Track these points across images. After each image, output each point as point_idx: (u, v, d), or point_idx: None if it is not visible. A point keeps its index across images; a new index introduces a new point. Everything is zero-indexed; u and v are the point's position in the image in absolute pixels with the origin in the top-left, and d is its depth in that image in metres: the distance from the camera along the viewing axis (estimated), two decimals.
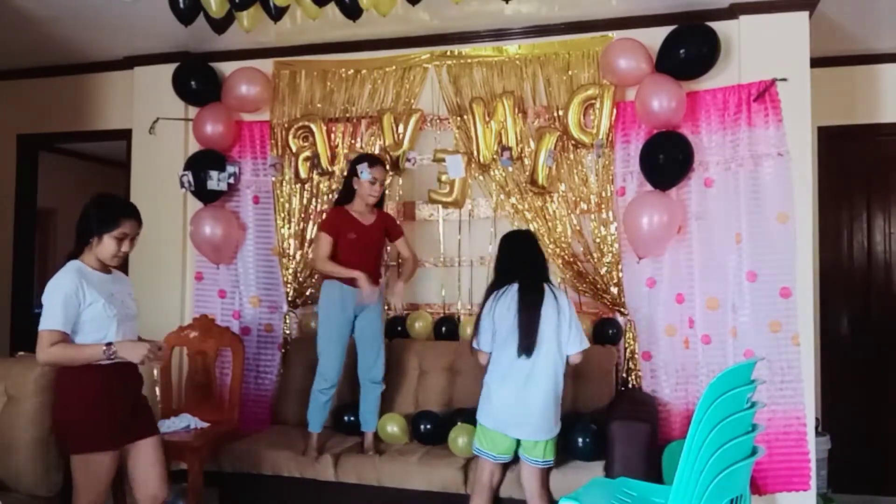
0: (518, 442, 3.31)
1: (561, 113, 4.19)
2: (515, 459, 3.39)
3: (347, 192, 3.92)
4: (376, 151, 4.41)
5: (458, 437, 3.68)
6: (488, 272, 4.38)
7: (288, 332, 4.61)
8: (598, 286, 4.15)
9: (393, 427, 3.92)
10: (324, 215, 4.29)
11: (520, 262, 3.43)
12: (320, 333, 3.86)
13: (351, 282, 3.74)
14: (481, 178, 4.37)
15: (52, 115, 5.29)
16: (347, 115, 4.56)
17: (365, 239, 3.84)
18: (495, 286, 3.43)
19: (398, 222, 4.16)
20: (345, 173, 4.15)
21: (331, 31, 4.38)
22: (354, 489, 3.66)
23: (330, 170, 4.52)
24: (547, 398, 3.25)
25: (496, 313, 3.32)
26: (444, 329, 4.35)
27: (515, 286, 3.34)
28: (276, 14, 3.58)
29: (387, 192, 4.38)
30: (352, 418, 4.00)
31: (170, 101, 4.72)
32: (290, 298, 4.60)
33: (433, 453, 3.73)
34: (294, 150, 4.56)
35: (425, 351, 4.21)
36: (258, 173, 4.72)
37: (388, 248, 4.21)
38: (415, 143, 4.44)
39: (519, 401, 3.24)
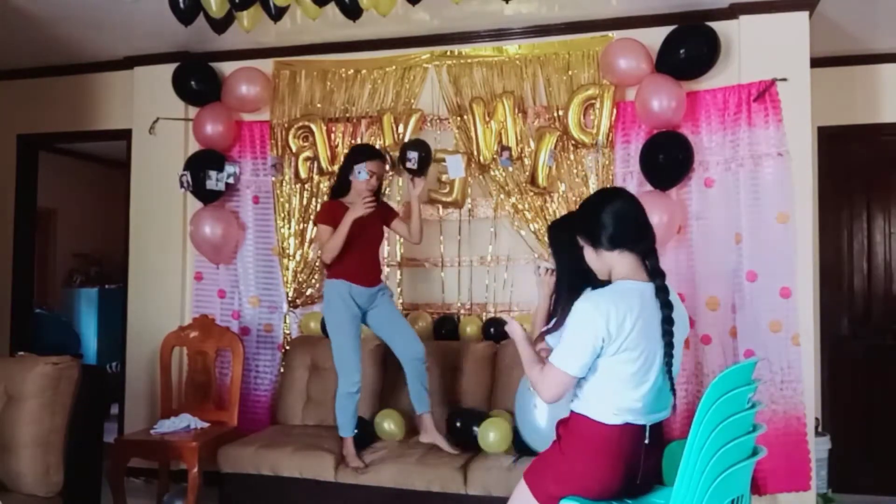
0: None
1: (561, 113, 4.19)
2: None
3: (342, 185, 3.78)
4: None
5: (490, 432, 3.65)
6: (488, 272, 4.40)
7: (287, 331, 4.61)
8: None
9: (390, 424, 3.93)
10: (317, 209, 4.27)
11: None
12: (332, 335, 3.73)
13: (354, 277, 3.67)
14: (481, 178, 4.37)
15: (52, 115, 5.28)
16: (347, 115, 4.56)
17: (363, 232, 3.69)
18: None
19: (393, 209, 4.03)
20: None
21: (331, 31, 4.38)
22: (354, 489, 3.65)
23: (330, 170, 4.52)
24: None
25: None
26: (444, 329, 4.35)
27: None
28: (276, 14, 3.58)
29: (386, 191, 4.38)
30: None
31: (170, 101, 4.72)
32: (289, 298, 4.60)
33: (432, 453, 3.73)
34: (294, 150, 4.55)
35: (426, 351, 4.19)
36: (258, 173, 4.72)
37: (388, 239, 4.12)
38: None
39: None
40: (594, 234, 2.25)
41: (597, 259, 2.28)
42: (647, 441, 2.19)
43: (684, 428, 3.84)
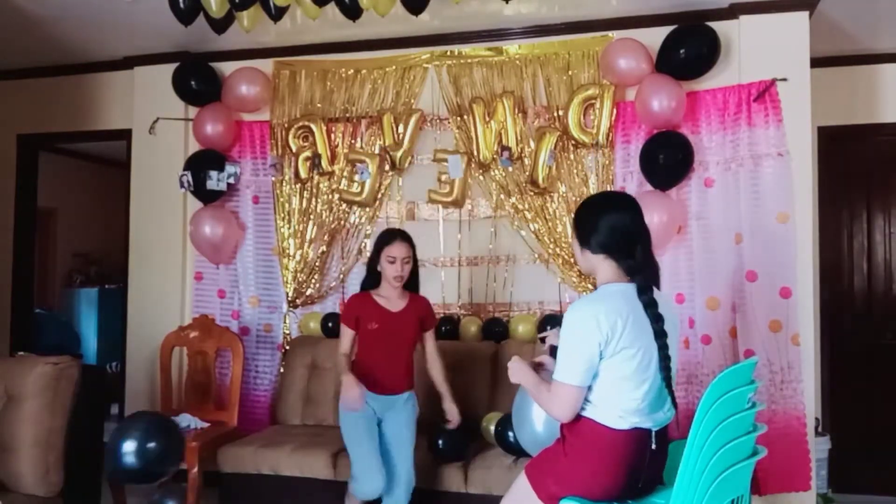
0: None
1: (561, 113, 4.19)
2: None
3: (371, 276, 3.47)
4: (376, 151, 4.41)
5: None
6: (488, 272, 4.40)
7: (287, 331, 4.61)
8: None
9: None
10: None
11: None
12: (346, 441, 3.40)
13: (372, 385, 3.33)
14: (481, 178, 4.37)
15: (52, 115, 5.28)
16: (347, 115, 4.56)
17: (390, 328, 3.36)
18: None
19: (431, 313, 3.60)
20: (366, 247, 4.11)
21: (331, 31, 4.38)
22: None
23: (330, 170, 4.52)
24: None
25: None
26: (444, 329, 4.35)
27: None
28: (276, 14, 3.58)
29: (386, 192, 4.37)
30: None
31: (170, 101, 4.72)
32: (289, 298, 4.60)
33: (433, 453, 3.73)
34: (294, 150, 4.56)
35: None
36: (258, 173, 4.72)
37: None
38: (415, 143, 4.43)
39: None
40: (585, 235, 2.28)
41: (581, 257, 2.31)
42: (653, 447, 2.19)
43: (684, 428, 3.83)
